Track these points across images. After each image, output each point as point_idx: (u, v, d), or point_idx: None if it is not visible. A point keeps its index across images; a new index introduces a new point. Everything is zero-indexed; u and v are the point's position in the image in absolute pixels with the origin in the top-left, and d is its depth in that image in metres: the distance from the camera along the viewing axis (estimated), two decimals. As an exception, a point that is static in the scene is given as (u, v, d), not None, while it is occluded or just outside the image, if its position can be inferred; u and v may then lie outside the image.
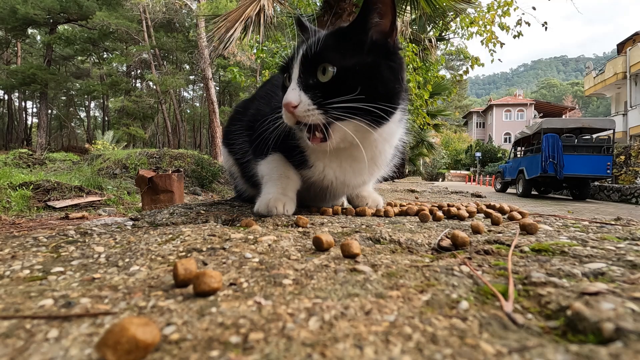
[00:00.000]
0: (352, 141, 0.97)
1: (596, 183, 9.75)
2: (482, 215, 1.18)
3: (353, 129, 0.94)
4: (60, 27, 21.01)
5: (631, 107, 18.22)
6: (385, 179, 1.38)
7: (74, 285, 0.49)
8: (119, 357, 0.29)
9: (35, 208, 2.95)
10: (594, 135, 9.25)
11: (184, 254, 0.64)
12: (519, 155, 10.81)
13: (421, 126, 6.70)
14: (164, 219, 1.09)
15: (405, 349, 0.31)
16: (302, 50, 0.96)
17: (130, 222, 1.04)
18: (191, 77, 27.77)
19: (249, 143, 1.32)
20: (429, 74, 6.37)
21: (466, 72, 7.46)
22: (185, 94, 34.19)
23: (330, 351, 0.30)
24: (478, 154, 28.04)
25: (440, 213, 1.07)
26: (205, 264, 0.57)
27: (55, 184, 3.40)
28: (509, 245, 0.66)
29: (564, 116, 31.31)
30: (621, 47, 20.56)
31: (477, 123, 41.04)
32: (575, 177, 8.45)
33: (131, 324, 0.30)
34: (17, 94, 27.35)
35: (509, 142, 28.06)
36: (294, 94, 0.91)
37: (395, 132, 1.10)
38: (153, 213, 1.24)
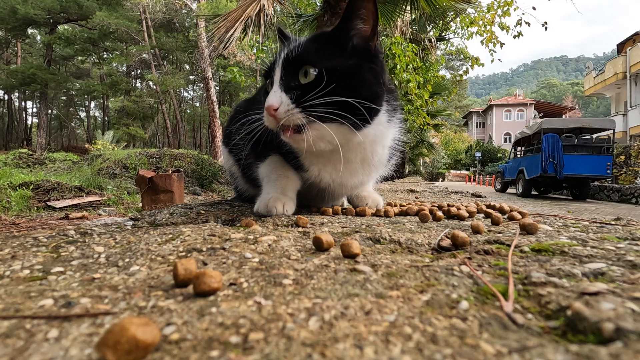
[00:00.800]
0: (333, 141, 0.95)
1: (596, 183, 9.75)
2: (482, 215, 1.18)
3: (334, 130, 0.93)
4: (60, 27, 21.01)
5: (631, 107, 18.22)
6: (386, 179, 1.38)
7: (74, 285, 0.49)
8: (119, 357, 0.29)
9: (35, 208, 2.95)
10: (594, 135, 9.24)
11: (184, 254, 0.64)
12: (519, 155, 10.81)
13: (421, 126, 6.70)
14: (164, 219, 1.09)
15: (405, 349, 0.31)
16: (283, 54, 0.96)
17: (130, 222, 1.04)
18: (191, 77, 27.77)
19: (249, 147, 1.32)
20: (429, 74, 6.38)
21: (466, 72, 7.47)
22: (185, 94, 34.21)
23: (330, 351, 0.30)
24: (478, 154, 28.04)
25: (440, 213, 1.07)
26: (205, 264, 0.57)
27: (55, 184, 3.40)
28: (509, 245, 0.66)
29: (564, 116, 31.31)
30: (621, 47, 20.56)
31: (477, 123, 41.04)
32: (575, 177, 8.45)
33: (131, 324, 0.30)
34: (17, 94, 27.35)
35: (509, 142, 28.07)
36: (275, 97, 0.91)
37: (385, 134, 1.09)
38: (153, 213, 1.24)
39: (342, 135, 0.95)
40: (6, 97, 27.56)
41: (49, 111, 24.91)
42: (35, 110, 31.63)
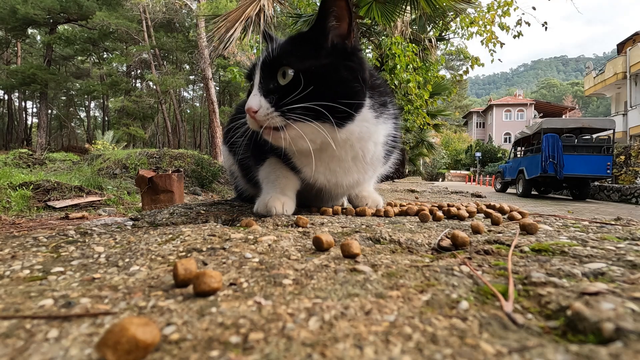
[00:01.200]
0: (315, 140, 0.97)
1: (596, 183, 9.75)
2: (482, 215, 1.18)
3: (312, 129, 0.94)
4: (60, 27, 21.00)
5: (631, 107, 18.21)
6: (386, 178, 1.37)
7: (74, 285, 0.49)
8: (119, 357, 0.29)
9: (35, 208, 2.95)
10: (594, 135, 9.24)
11: (184, 254, 0.64)
12: (519, 155, 10.81)
13: (421, 126, 6.70)
14: (164, 219, 1.09)
15: (405, 349, 0.31)
16: (262, 55, 0.98)
17: (130, 222, 1.04)
18: (191, 77, 27.75)
19: (249, 149, 1.33)
20: (429, 74, 6.38)
21: (466, 72, 7.48)
22: (185, 94, 34.19)
23: (330, 351, 0.30)
24: (478, 154, 28.03)
25: (440, 213, 1.07)
26: (205, 264, 0.57)
27: (55, 184, 3.40)
28: (509, 245, 0.66)
29: (564, 116, 31.30)
30: (621, 47, 20.55)
31: (477, 123, 41.03)
32: (575, 177, 8.45)
33: (131, 324, 0.30)
34: (17, 94, 27.34)
35: (509, 142, 28.07)
36: (255, 100, 0.93)
37: (373, 130, 1.08)
38: (153, 213, 1.24)
39: (322, 134, 0.96)
40: (6, 97, 27.56)
41: (49, 111, 24.90)
42: (35, 110, 31.64)
